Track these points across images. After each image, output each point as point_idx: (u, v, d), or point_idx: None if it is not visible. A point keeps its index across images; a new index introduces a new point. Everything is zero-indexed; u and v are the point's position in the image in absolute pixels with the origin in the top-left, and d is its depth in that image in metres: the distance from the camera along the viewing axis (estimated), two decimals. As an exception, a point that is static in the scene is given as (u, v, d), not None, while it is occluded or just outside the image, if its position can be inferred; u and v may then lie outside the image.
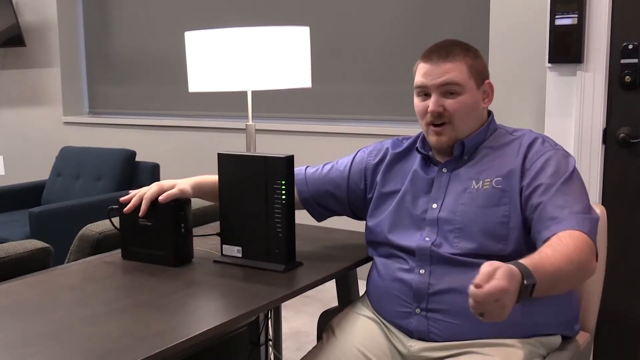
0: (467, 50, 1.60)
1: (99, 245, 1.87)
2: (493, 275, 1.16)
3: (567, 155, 1.55)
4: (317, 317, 1.89)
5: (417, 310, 1.54)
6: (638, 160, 2.36)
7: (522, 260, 1.26)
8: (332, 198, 1.79)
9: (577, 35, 2.35)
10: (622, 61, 2.33)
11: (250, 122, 2.74)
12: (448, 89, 1.56)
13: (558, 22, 2.38)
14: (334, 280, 1.80)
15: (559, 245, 1.35)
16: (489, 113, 1.66)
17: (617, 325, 2.44)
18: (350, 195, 1.77)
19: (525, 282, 1.21)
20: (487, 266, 1.18)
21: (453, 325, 1.50)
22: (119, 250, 1.79)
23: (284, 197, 1.62)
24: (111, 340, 1.23)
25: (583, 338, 1.67)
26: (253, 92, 2.75)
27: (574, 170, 1.52)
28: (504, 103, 3.17)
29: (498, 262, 1.19)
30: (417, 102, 1.62)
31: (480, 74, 1.60)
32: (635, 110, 2.35)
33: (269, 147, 4.11)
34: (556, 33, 2.38)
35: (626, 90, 2.35)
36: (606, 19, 2.32)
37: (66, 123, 5.07)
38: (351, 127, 3.87)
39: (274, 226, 1.64)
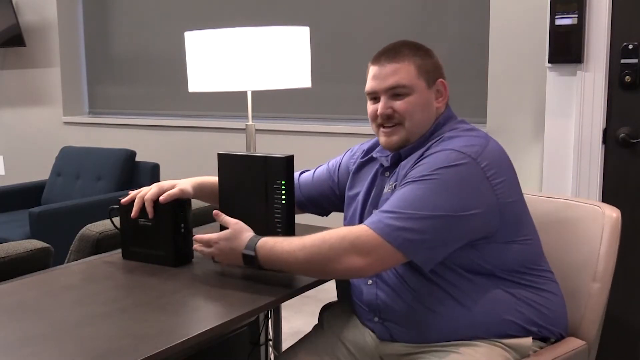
0: (416, 50, 1.57)
1: (99, 245, 1.87)
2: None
3: (449, 154, 1.43)
4: (317, 317, 1.89)
5: (376, 319, 1.57)
6: (638, 160, 2.36)
7: (262, 237, 1.51)
8: (326, 199, 1.81)
9: (577, 35, 2.35)
10: (622, 61, 2.33)
11: (250, 122, 2.74)
12: (396, 92, 1.54)
13: (558, 22, 2.38)
14: (334, 280, 1.80)
15: (309, 236, 1.47)
16: (445, 111, 1.60)
17: (617, 328, 2.44)
18: (342, 195, 1.77)
19: (244, 252, 1.50)
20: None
21: (410, 331, 1.51)
22: (119, 250, 1.79)
23: (283, 197, 1.61)
24: (111, 340, 1.23)
25: (573, 345, 1.58)
26: (253, 92, 2.75)
27: (440, 168, 1.41)
28: (504, 103, 3.17)
29: (240, 226, 1.56)
30: (368, 105, 1.61)
31: (432, 73, 1.57)
32: (635, 110, 2.35)
33: (269, 147, 4.11)
34: (556, 33, 2.38)
35: (626, 90, 2.35)
36: (606, 19, 2.32)
37: (66, 123, 5.07)
38: (351, 127, 3.87)
39: (274, 226, 1.64)
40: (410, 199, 1.41)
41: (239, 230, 1.55)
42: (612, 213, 1.68)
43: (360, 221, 1.59)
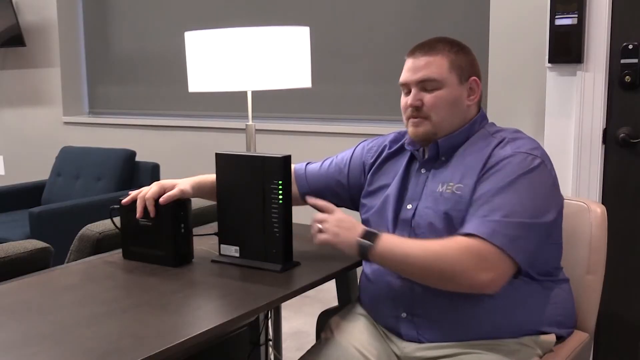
0: (451, 45, 1.58)
1: (99, 245, 1.87)
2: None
3: (526, 157, 1.47)
4: (317, 317, 1.89)
5: (403, 315, 1.54)
6: (638, 160, 2.36)
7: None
8: (332, 193, 1.79)
9: (577, 35, 2.35)
10: (622, 61, 2.33)
11: (250, 122, 2.74)
12: (426, 85, 1.56)
13: (558, 22, 2.38)
14: (333, 280, 1.80)
15: (428, 240, 1.45)
16: (479, 111, 1.63)
17: (617, 325, 2.44)
18: (352, 189, 1.76)
19: (366, 229, 1.46)
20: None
21: (440, 328, 1.50)
22: (120, 250, 1.79)
23: (280, 197, 1.62)
24: (111, 340, 1.23)
25: (581, 338, 1.67)
26: (253, 92, 2.75)
27: (525, 173, 1.44)
28: (504, 103, 3.17)
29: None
30: (402, 97, 1.63)
31: (465, 70, 1.58)
32: (635, 110, 2.35)
33: (269, 147, 4.11)
34: (556, 33, 2.38)
35: (626, 90, 2.35)
36: (606, 19, 2.32)
37: (66, 123, 5.07)
38: (351, 127, 3.87)
39: (271, 226, 1.64)
40: (510, 205, 1.41)
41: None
42: (597, 209, 1.75)
43: (396, 214, 1.59)
